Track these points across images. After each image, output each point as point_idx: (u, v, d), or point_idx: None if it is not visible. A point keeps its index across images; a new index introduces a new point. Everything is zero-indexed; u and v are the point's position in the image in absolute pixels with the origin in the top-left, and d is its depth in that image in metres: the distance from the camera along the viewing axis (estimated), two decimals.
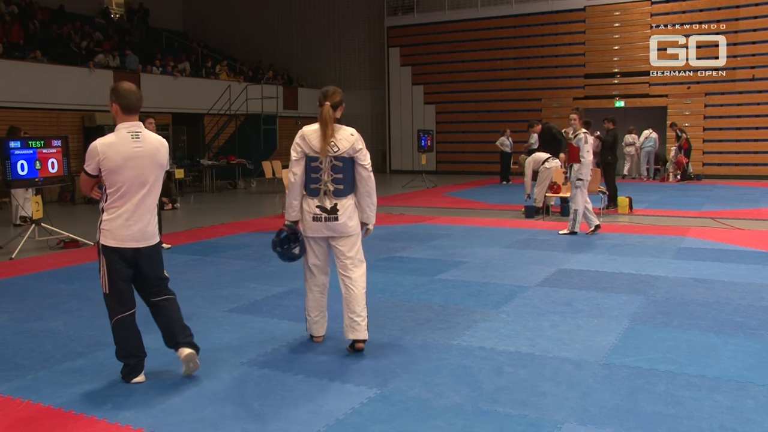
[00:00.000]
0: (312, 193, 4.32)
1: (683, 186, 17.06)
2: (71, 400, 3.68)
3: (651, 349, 4.41)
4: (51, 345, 4.70)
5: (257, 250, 8.42)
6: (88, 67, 16.77)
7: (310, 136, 4.30)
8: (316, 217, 4.30)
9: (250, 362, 4.27)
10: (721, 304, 5.52)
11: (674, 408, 3.48)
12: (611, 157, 12.00)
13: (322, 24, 25.62)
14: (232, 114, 19.96)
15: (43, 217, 9.08)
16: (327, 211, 4.28)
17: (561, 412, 3.46)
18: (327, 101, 4.33)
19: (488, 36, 22.10)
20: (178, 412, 3.52)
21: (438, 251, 8.18)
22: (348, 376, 4.00)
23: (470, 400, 3.63)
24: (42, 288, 6.50)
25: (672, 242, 8.54)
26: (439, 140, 22.29)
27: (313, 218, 4.31)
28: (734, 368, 4.05)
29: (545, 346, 4.50)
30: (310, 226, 4.35)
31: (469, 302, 5.71)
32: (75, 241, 9.01)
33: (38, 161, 8.86)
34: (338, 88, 4.51)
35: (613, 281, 6.42)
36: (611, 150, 12.03)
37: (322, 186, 4.29)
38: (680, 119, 19.11)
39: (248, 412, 3.50)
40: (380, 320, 5.17)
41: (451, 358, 4.31)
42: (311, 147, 4.28)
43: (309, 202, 4.33)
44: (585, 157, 9.04)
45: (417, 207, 13.12)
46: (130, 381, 3.89)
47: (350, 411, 3.50)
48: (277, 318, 5.31)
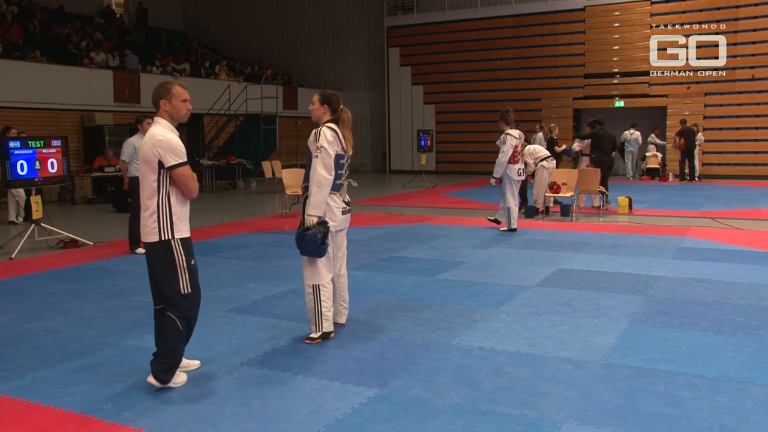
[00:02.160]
0: (336, 189, 4.66)
1: (683, 186, 17.06)
2: (71, 401, 3.68)
3: (651, 349, 4.41)
4: (50, 345, 4.70)
5: (257, 250, 8.41)
6: (86, 66, 16.74)
7: (340, 136, 4.63)
8: (345, 211, 4.76)
9: (249, 362, 4.27)
10: (720, 304, 5.52)
11: (674, 408, 3.49)
12: (594, 156, 11.97)
13: (321, 24, 25.62)
14: (232, 114, 19.96)
15: (43, 216, 9.07)
16: (349, 205, 4.82)
17: (561, 412, 3.46)
18: (341, 106, 4.72)
19: (488, 36, 22.10)
20: (178, 413, 3.52)
21: (438, 251, 8.19)
22: (347, 376, 4.00)
23: (470, 400, 3.63)
24: (41, 288, 6.50)
25: (672, 242, 8.55)
26: (438, 140, 22.29)
27: (343, 212, 4.74)
28: (734, 368, 4.05)
29: (545, 346, 4.50)
30: (339, 219, 4.70)
31: (468, 302, 5.71)
32: (75, 241, 9.01)
33: (38, 161, 8.86)
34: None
35: (613, 281, 6.42)
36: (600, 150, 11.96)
37: (344, 182, 4.76)
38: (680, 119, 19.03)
39: (248, 412, 3.50)
40: (379, 320, 5.18)
41: (450, 358, 4.31)
42: (342, 146, 4.64)
43: (335, 197, 4.66)
44: (499, 157, 9.37)
45: (417, 207, 13.11)
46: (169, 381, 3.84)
47: (350, 411, 3.50)
48: (277, 318, 5.31)
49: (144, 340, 4.71)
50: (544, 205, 11.35)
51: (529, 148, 11.43)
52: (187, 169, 3.73)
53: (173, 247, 3.73)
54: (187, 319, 3.83)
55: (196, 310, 3.91)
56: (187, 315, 3.82)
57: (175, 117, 3.84)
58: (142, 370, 4.09)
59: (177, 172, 3.69)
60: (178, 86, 3.82)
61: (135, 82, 17.67)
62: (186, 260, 3.76)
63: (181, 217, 3.77)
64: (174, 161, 3.68)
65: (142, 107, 17.15)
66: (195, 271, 3.84)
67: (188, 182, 3.72)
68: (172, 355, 3.80)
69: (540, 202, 11.36)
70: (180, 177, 3.70)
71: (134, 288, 6.37)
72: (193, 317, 3.90)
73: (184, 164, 3.72)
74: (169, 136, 3.74)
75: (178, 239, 3.75)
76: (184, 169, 3.71)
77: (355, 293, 5.93)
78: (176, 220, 3.74)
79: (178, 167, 3.69)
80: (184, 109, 3.84)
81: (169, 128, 3.80)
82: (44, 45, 17.20)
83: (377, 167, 24.89)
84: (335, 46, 25.44)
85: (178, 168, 3.69)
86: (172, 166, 3.68)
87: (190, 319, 3.86)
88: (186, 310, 3.81)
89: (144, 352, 4.46)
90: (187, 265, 3.77)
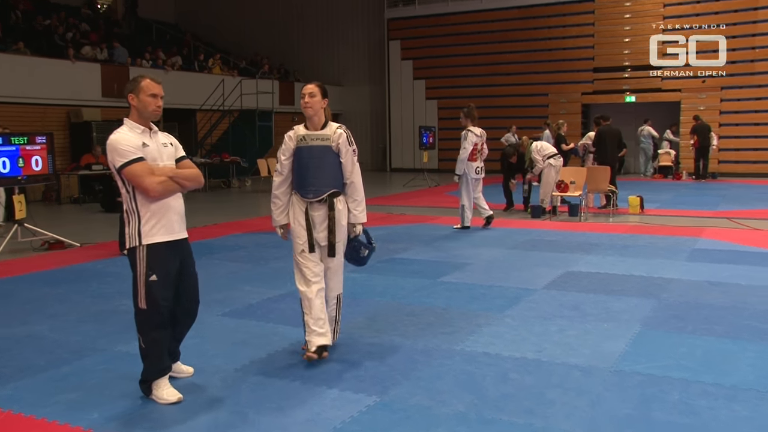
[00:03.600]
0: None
1: (697, 184, 17.06)
2: (56, 410, 3.67)
3: (664, 356, 4.40)
4: (34, 351, 4.69)
5: (252, 251, 8.41)
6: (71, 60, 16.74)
7: None
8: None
9: (244, 368, 4.26)
10: (738, 309, 5.50)
11: (689, 418, 3.47)
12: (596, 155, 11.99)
13: (319, 16, 25.63)
14: (226, 110, 19.95)
15: (27, 217, 9.07)
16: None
17: (569, 421, 3.45)
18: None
19: (493, 28, 22.10)
20: (170, 422, 3.51)
21: (440, 253, 8.18)
22: (346, 383, 3.99)
23: (474, 408, 3.62)
24: (25, 291, 6.49)
25: (685, 243, 8.54)
26: (441, 137, 22.28)
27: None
28: (753, 376, 4.03)
29: (552, 352, 4.49)
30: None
31: (472, 306, 5.70)
32: (60, 242, 9.00)
33: (21, 158, 8.85)
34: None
35: (624, 284, 6.41)
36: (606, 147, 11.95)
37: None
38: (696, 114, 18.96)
39: (243, 421, 3.50)
40: (380, 325, 5.17)
41: (453, 364, 4.30)
42: None
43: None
44: (460, 153, 9.68)
45: (418, 207, 13.12)
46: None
47: (349, 419, 3.50)
48: (273, 322, 5.31)
49: (134, 346, 4.68)
50: (551, 205, 11.34)
51: (536, 144, 11.43)
52: (135, 167, 3.55)
53: (137, 256, 3.66)
54: (148, 337, 3.68)
55: (160, 330, 3.71)
56: (147, 332, 3.69)
57: (143, 113, 3.69)
58: (131, 378, 4.07)
59: (125, 172, 3.57)
60: (148, 80, 3.71)
61: (124, 76, 17.61)
62: (146, 272, 3.63)
63: (153, 220, 3.64)
64: (119, 162, 3.56)
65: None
66: (155, 287, 3.64)
67: (139, 180, 3.55)
68: (147, 373, 3.76)
69: (547, 202, 11.35)
70: (130, 177, 3.57)
71: (123, 291, 6.35)
72: (150, 337, 3.70)
73: (131, 163, 3.56)
74: (116, 136, 3.61)
75: (145, 245, 3.63)
76: (132, 167, 3.55)
77: (355, 297, 5.93)
78: (145, 224, 3.63)
79: (124, 167, 3.56)
80: (153, 104, 3.68)
81: (133, 127, 3.69)
82: (28, 37, 17.19)
83: (377, 165, 24.89)
84: (333, 39, 25.45)
85: (125, 168, 3.56)
86: (119, 168, 3.57)
87: (154, 339, 3.69)
88: (143, 327, 3.70)
89: (134, 359, 4.43)
90: (145, 279, 3.63)
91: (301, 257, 4.40)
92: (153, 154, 3.69)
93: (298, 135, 4.43)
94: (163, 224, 3.68)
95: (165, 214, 3.69)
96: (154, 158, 3.69)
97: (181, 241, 3.80)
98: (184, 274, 3.83)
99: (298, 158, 4.38)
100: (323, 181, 4.35)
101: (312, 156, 4.35)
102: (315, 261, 4.41)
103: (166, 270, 3.69)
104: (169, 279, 3.71)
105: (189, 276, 3.87)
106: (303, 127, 4.47)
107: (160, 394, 3.75)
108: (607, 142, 11.82)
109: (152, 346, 3.72)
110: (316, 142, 4.36)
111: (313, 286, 4.36)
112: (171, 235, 3.72)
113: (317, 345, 4.32)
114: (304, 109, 4.41)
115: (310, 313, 4.34)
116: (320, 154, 4.35)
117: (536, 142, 11.58)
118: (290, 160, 4.42)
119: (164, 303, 3.69)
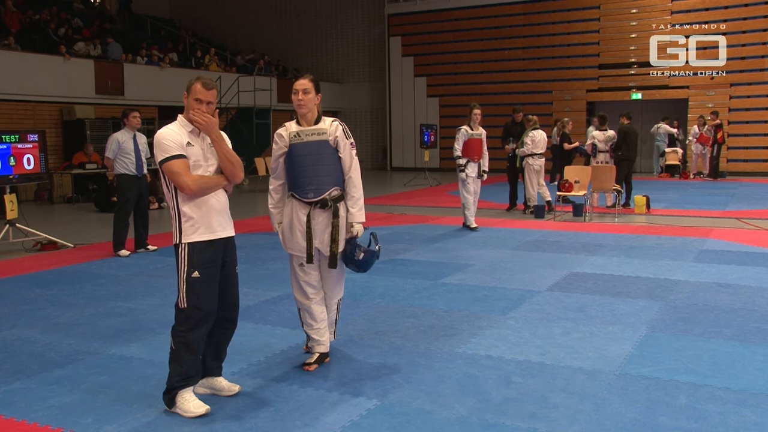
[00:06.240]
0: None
1: (705, 184, 17.05)
2: (48, 415, 3.68)
3: (671, 359, 4.40)
4: (26, 354, 4.69)
5: (249, 252, 8.41)
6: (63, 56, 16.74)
7: None
8: None
9: (241, 372, 4.27)
10: (747, 311, 5.51)
11: (697, 423, 3.48)
12: (621, 153, 12.02)
13: (319, 11, 25.63)
14: (223, 107, 19.91)
15: (18, 217, 9.07)
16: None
17: (573, 425, 3.46)
18: None
19: (496, 24, 22.10)
20: (163, 428, 3.51)
21: (442, 253, 8.19)
22: (346, 386, 4.00)
23: (476, 412, 3.62)
24: (16, 293, 6.49)
25: (693, 244, 8.54)
26: (442, 135, 22.23)
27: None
28: (762, 380, 4.04)
29: (556, 355, 4.50)
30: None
31: (474, 308, 5.71)
32: (53, 243, 9.01)
33: (12, 157, 8.85)
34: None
35: (629, 285, 6.41)
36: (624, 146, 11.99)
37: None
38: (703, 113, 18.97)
39: (240, 426, 3.50)
40: (380, 327, 5.18)
41: (455, 367, 4.30)
42: None
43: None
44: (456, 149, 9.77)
45: (419, 206, 13.12)
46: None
47: (348, 424, 3.50)
48: (271, 324, 5.31)
49: (128, 349, 4.71)
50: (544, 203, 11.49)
51: (535, 133, 11.51)
52: (174, 163, 3.58)
53: (179, 253, 3.67)
54: (181, 338, 3.62)
55: (195, 331, 3.61)
56: (180, 333, 3.63)
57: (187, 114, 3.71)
58: (126, 381, 4.09)
59: (165, 167, 3.62)
60: (199, 84, 3.66)
61: (118, 72, 17.66)
62: (187, 269, 3.63)
63: (193, 218, 3.64)
64: (161, 156, 3.62)
65: (126, 100, 17.14)
66: (197, 285, 3.60)
67: (176, 177, 3.58)
68: (170, 379, 3.67)
69: (532, 201, 11.59)
70: (168, 172, 3.62)
71: (118, 293, 6.37)
72: (182, 338, 3.61)
73: (171, 159, 3.59)
74: (162, 131, 3.66)
75: (186, 244, 3.64)
76: (170, 163, 3.59)
77: (355, 298, 5.94)
78: (185, 222, 3.65)
79: (164, 162, 3.62)
80: (195, 106, 3.65)
81: (183, 125, 3.70)
82: (19, 32, 17.17)
83: (377, 164, 24.90)
84: (333, 35, 25.46)
85: (165, 163, 3.61)
86: (160, 163, 3.63)
87: (186, 341, 3.60)
88: (177, 327, 3.65)
89: (128, 362, 4.46)
90: (186, 276, 3.62)
91: (300, 270, 4.28)
92: (197, 154, 3.68)
93: (290, 132, 4.20)
94: (203, 222, 3.67)
95: (206, 213, 3.68)
96: (198, 159, 3.68)
97: (224, 240, 3.76)
98: (224, 275, 3.78)
99: (293, 156, 4.16)
100: (323, 178, 4.16)
101: (308, 152, 4.15)
102: (314, 273, 4.30)
103: (207, 268, 3.67)
104: (210, 278, 3.69)
105: (229, 276, 3.84)
106: (295, 123, 4.24)
107: (185, 407, 3.62)
108: (630, 140, 11.97)
109: (182, 349, 3.62)
110: (311, 138, 4.16)
111: (312, 298, 4.32)
112: (211, 233, 3.69)
113: (319, 353, 4.34)
114: (298, 107, 4.17)
115: (309, 321, 4.33)
116: (317, 150, 4.16)
117: (537, 131, 11.56)
118: (284, 159, 4.23)
119: (204, 303, 3.64)
